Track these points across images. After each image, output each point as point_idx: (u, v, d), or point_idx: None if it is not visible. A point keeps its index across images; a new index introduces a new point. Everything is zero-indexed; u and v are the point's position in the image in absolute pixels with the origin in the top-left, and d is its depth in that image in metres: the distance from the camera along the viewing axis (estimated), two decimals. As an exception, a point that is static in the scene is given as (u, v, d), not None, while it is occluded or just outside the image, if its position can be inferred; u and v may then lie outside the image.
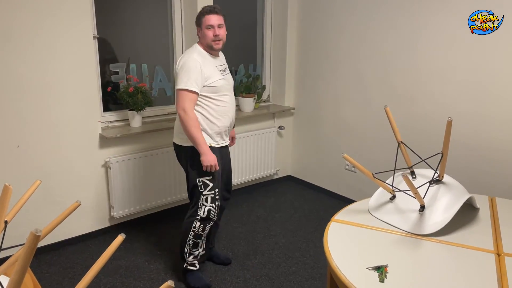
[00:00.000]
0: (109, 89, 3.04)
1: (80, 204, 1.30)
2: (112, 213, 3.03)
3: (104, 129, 2.98)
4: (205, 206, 2.36)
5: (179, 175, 3.28)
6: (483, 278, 1.42)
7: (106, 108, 3.10)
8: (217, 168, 2.29)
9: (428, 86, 2.98)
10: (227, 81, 2.38)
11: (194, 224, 2.38)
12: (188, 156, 2.35)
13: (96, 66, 2.86)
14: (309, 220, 3.36)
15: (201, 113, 2.31)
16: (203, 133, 2.30)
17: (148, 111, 3.21)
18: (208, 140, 2.33)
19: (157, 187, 3.20)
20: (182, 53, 3.42)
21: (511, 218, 1.90)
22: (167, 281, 0.85)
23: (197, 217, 2.37)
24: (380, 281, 1.41)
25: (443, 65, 2.88)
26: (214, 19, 2.25)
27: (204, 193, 2.35)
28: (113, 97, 3.14)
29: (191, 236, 2.40)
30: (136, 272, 2.61)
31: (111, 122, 3.10)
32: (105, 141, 2.92)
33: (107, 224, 3.08)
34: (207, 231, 2.43)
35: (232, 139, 2.69)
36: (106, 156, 2.95)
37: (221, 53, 2.47)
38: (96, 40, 2.85)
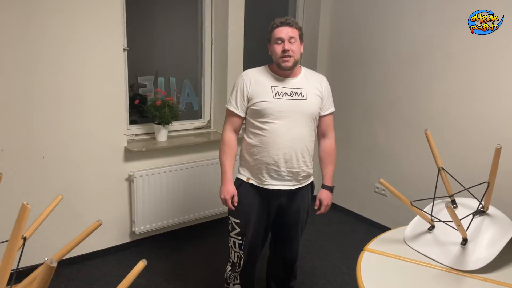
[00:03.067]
0: (136, 101, 3.02)
1: (101, 224, 1.23)
2: (133, 228, 2.97)
3: (129, 142, 2.94)
4: (234, 251, 2.09)
5: (203, 192, 3.21)
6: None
7: (131, 121, 3.07)
8: (230, 206, 1.98)
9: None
10: (283, 106, 1.89)
11: (227, 266, 2.17)
12: None
13: (125, 79, 2.84)
14: (336, 245, 3.21)
15: (246, 141, 2.02)
16: (242, 164, 2.06)
17: (175, 125, 3.17)
18: (245, 174, 2.04)
19: (180, 203, 3.13)
20: (211, 67, 3.38)
21: None
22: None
23: (229, 259, 2.14)
24: (421, 323, 1.28)
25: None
26: (285, 32, 1.86)
27: (231, 234, 2.08)
28: (139, 110, 3.12)
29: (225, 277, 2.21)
30: (155, 291, 2.53)
31: (136, 135, 3.07)
32: (130, 154, 2.88)
33: (127, 240, 3.01)
34: (235, 282, 2.14)
35: (320, 204, 2.09)
36: (130, 170, 2.90)
37: (308, 75, 2.02)
38: (126, 52, 2.84)
